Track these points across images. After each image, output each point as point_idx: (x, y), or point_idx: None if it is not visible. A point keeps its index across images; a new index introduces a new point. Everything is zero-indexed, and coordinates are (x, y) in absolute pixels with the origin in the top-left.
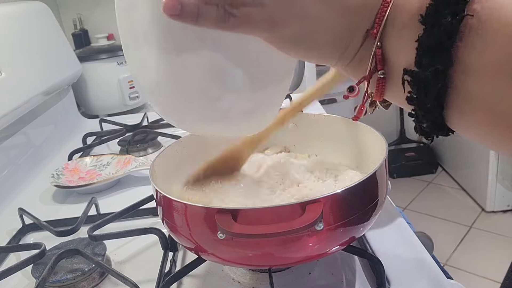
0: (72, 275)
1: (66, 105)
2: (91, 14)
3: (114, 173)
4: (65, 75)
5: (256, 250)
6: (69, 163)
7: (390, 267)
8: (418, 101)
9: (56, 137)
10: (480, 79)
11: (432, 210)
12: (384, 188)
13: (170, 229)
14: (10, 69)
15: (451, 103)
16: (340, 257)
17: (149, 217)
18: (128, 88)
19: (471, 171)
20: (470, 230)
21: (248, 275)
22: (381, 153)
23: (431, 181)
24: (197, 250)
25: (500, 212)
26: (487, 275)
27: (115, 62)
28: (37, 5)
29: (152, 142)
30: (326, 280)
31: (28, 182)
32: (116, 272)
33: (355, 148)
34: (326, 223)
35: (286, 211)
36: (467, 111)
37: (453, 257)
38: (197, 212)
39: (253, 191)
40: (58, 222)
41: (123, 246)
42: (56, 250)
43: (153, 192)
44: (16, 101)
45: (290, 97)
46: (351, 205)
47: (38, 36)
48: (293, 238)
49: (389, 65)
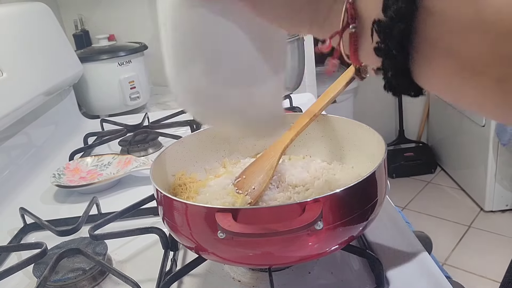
0: (73, 274)
1: (67, 106)
2: (92, 14)
3: (115, 173)
4: (66, 76)
5: (256, 250)
6: (70, 163)
7: (389, 266)
8: (384, 50)
9: (57, 137)
10: (443, 22)
11: (431, 210)
12: (383, 188)
13: (171, 229)
14: (11, 69)
15: (416, 49)
16: (340, 257)
17: (150, 216)
18: (129, 88)
19: (470, 171)
20: (469, 230)
21: (248, 274)
22: (380, 153)
23: (430, 181)
24: (198, 249)
25: (499, 211)
26: (486, 275)
27: (116, 62)
28: (38, 6)
29: (153, 142)
30: (326, 279)
31: (30, 182)
32: (117, 271)
33: (354, 148)
34: (326, 223)
35: (286, 210)
36: (431, 57)
37: (452, 257)
38: (198, 212)
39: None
40: (59, 221)
41: (124, 246)
42: (57, 249)
43: (153, 191)
44: (18, 102)
45: (290, 97)
46: (350, 204)
47: (39, 37)
48: (293, 238)
49: (361, 21)
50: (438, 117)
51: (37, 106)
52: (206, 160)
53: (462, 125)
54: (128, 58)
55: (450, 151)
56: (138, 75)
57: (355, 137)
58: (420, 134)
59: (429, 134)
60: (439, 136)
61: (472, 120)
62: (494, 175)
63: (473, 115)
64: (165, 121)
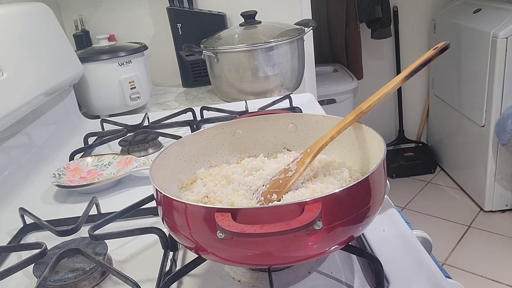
0: (73, 274)
1: (68, 106)
2: (92, 15)
3: (115, 173)
4: (67, 76)
5: (255, 250)
6: (70, 163)
7: (388, 266)
8: None
9: (58, 137)
10: None
11: (430, 210)
12: (383, 188)
13: (170, 229)
14: (11, 69)
15: None
16: (339, 257)
17: (150, 216)
18: (129, 88)
19: (470, 171)
20: (469, 230)
21: (248, 274)
22: (380, 153)
23: (430, 181)
24: (197, 249)
25: (499, 211)
26: (486, 275)
27: (116, 63)
28: (38, 6)
29: (153, 142)
30: (325, 279)
31: (30, 182)
32: (117, 271)
33: (354, 148)
34: (325, 223)
35: (285, 210)
36: None
37: (451, 257)
38: (197, 212)
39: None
40: (59, 221)
41: (123, 246)
42: (57, 249)
43: (153, 192)
44: (18, 102)
45: (290, 97)
46: (349, 204)
47: (40, 37)
48: (292, 238)
49: None
50: (438, 117)
51: (38, 106)
52: (206, 160)
53: (462, 125)
54: (128, 58)
55: (450, 151)
56: (138, 75)
57: (355, 137)
58: (420, 134)
59: (429, 134)
60: (439, 136)
61: (472, 120)
62: (494, 175)
63: (473, 115)
64: (165, 121)
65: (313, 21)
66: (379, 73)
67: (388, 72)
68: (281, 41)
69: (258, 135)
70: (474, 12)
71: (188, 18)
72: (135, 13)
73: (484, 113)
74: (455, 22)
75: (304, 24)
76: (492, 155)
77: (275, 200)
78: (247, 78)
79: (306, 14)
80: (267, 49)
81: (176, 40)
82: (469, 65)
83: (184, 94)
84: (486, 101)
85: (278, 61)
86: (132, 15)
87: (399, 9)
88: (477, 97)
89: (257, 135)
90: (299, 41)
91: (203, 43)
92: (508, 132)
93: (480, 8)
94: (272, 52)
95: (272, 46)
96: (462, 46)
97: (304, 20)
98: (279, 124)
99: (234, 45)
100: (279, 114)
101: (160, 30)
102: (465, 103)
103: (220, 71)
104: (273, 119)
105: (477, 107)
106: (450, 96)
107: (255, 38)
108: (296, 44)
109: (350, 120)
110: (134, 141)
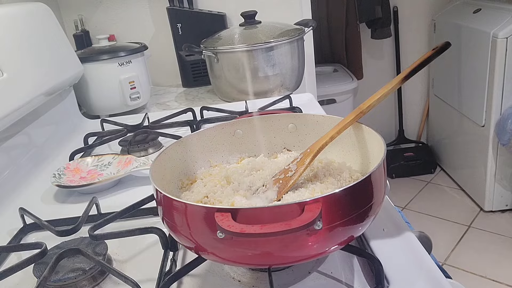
0: (73, 274)
1: (68, 106)
2: (92, 15)
3: (115, 173)
4: (67, 76)
5: (255, 250)
6: (70, 163)
7: (389, 266)
8: None
9: (58, 137)
10: None
11: (430, 210)
12: (383, 188)
13: (170, 229)
14: (11, 69)
15: None
16: (339, 257)
17: (150, 216)
18: (129, 89)
19: (470, 171)
20: (469, 230)
21: (248, 274)
22: (380, 153)
23: (430, 181)
24: (197, 249)
25: (499, 211)
26: (486, 275)
27: (116, 63)
28: (38, 6)
29: (153, 142)
30: (325, 279)
31: (30, 182)
32: (117, 272)
33: (354, 148)
34: (325, 223)
35: (285, 210)
36: None
37: (451, 257)
38: (197, 212)
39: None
40: (59, 221)
41: (124, 246)
42: (57, 249)
43: (153, 192)
44: (18, 102)
45: (290, 97)
46: (349, 204)
47: (40, 37)
48: (292, 238)
49: None
50: (438, 117)
51: (38, 106)
52: (206, 160)
53: (462, 125)
54: (128, 58)
55: (450, 151)
56: (138, 75)
57: (355, 137)
58: (420, 134)
59: (429, 134)
60: (438, 136)
61: (472, 120)
62: (494, 175)
63: (473, 115)
64: (165, 121)
65: (313, 21)
66: (379, 73)
67: (388, 72)
68: (281, 41)
69: (258, 135)
70: (474, 12)
71: (188, 18)
72: (135, 13)
73: (484, 113)
74: (455, 22)
75: (304, 24)
76: (492, 155)
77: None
78: (247, 78)
79: (306, 14)
80: (267, 49)
81: (176, 40)
82: (469, 65)
83: (184, 94)
84: (486, 101)
85: (278, 61)
86: (132, 15)
87: (399, 9)
88: (477, 97)
89: (257, 135)
90: (299, 41)
91: (203, 43)
92: (508, 132)
93: (480, 8)
94: (272, 52)
95: (272, 46)
96: (462, 46)
97: (304, 20)
98: (279, 124)
99: (234, 45)
100: (279, 114)
101: (160, 30)
102: (465, 103)
103: (220, 71)
104: (273, 119)
105: (477, 107)
106: (450, 96)
107: (255, 38)
108: (296, 44)
109: (350, 120)
110: (134, 141)
